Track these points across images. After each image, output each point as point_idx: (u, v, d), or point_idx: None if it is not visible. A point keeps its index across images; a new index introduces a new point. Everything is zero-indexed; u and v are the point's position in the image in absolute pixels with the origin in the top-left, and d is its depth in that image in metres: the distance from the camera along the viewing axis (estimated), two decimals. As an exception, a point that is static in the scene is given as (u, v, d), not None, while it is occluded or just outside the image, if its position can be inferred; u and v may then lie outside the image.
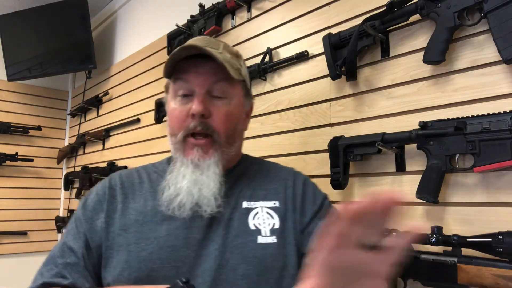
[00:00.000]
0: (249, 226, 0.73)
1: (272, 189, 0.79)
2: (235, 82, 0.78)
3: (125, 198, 0.77)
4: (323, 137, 1.26)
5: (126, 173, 0.84)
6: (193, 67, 0.75)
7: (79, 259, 0.72)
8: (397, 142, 1.02)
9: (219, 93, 0.76)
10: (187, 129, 0.74)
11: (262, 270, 0.69)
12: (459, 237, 0.85)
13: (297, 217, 0.76)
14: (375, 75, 1.15)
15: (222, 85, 0.75)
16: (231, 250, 0.70)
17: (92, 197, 0.79)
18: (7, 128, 2.83)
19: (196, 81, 0.74)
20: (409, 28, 1.08)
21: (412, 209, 1.03)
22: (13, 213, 2.83)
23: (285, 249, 0.72)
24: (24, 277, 3.17)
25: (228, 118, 0.76)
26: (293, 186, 0.80)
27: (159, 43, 2.14)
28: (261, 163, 0.90)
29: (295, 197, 0.79)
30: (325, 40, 1.21)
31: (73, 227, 0.77)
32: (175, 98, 0.77)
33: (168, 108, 0.79)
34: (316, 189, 0.84)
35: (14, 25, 2.75)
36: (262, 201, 0.77)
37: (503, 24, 0.85)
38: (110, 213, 0.75)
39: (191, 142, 0.74)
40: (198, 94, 0.74)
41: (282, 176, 0.83)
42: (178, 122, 0.75)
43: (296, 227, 0.75)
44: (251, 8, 1.60)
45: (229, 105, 0.76)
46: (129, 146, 2.31)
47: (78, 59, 2.67)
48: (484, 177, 0.91)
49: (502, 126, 0.83)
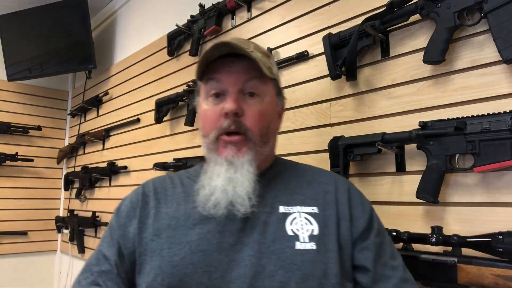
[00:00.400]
0: (287, 231, 0.70)
1: (310, 194, 0.76)
2: (267, 80, 0.76)
3: (157, 203, 0.77)
4: (323, 137, 1.26)
5: (159, 179, 0.84)
6: (225, 66, 0.74)
7: (112, 267, 0.72)
8: (397, 142, 1.02)
9: (252, 91, 0.74)
10: (220, 129, 0.73)
11: (300, 278, 0.66)
12: (459, 237, 0.85)
13: (344, 223, 0.73)
14: (375, 75, 1.15)
15: (255, 83, 0.74)
16: (268, 256, 0.67)
17: (126, 204, 0.80)
18: (7, 128, 2.83)
19: (229, 80, 0.73)
20: (409, 28, 1.08)
21: (412, 209, 1.03)
22: (13, 213, 2.83)
23: (325, 257, 0.68)
24: (24, 277, 3.18)
25: (262, 116, 0.74)
26: (335, 191, 0.77)
27: (159, 43, 2.14)
28: (297, 165, 0.87)
29: (339, 202, 0.75)
30: (325, 40, 1.21)
31: (107, 234, 0.78)
32: (207, 99, 0.76)
33: (200, 110, 0.78)
34: (362, 196, 0.81)
35: (14, 25, 2.75)
36: (299, 206, 0.74)
37: (503, 24, 0.85)
38: (143, 219, 0.75)
39: (224, 140, 0.73)
40: (231, 93, 0.73)
41: (321, 180, 0.80)
42: (211, 123, 0.74)
43: (341, 233, 0.72)
44: (251, 8, 1.60)
45: (262, 103, 0.75)
46: (129, 146, 2.31)
47: (78, 59, 2.67)
48: (484, 177, 0.91)
49: (502, 126, 0.83)
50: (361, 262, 0.71)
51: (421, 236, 0.92)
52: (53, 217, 2.94)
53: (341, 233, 0.72)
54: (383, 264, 0.71)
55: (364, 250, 0.72)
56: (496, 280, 0.78)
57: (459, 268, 0.83)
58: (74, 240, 2.69)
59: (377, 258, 0.71)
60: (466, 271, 0.82)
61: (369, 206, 0.79)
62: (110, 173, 2.39)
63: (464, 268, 0.83)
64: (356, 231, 0.73)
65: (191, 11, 1.86)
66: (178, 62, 2.00)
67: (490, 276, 0.79)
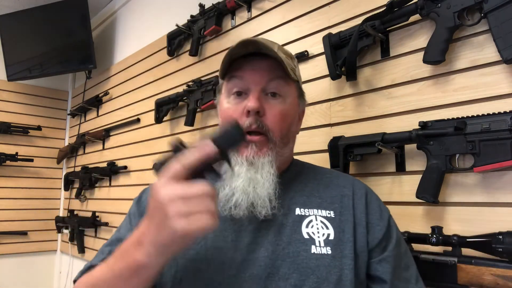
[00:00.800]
0: (302, 234, 0.69)
1: (327, 197, 0.75)
2: (290, 82, 0.76)
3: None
4: (323, 137, 1.26)
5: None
6: (249, 64, 0.73)
7: None
8: (397, 142, 1.02)
9: (275, 91, 0.73)
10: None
11: (315, 282, 0.64)
12: (459, 237, 0.85)
13: (360, 230, 0.71)
14: (375, 75, 1.15)
15: (278, 83, 0.73)
16: (283, 258, 0.66)
17: (146, 196, 0.79)
18: (7, 128, 2.83)
19: (252, 78, 0.72)
20: (409, 28, 1.08)
21: (412, 209, 1.03)
22: (13, 213, 2.83)
23: (340, 262, 0.67)
24: (24, 277, 3.18)
25: (283, 117, 0.73)
26: (353, 196, 0.75)
27: (159, 43, 2.14)
28: (314, 167, 0.85)
29: (356, 207, 0.74)
30: (325, 40, 1.21)
31: (126, 222, 0.79)
32: (228, 97, 0.75)
33: (221, 108, 0.77)
34: (380, 201, 0.79)
35: (14, 25, 2.75)
36: (316, 209, 0.72)
37: (503, 24, 0.85)
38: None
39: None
40: (253, 91, 0.72)
41: (338, 183, 0.78)
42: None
43: (358, 240, 0.70)
44: (251, 8, 1.60)
45: (284, 104, 0.74)
46: (129, 146, 2.31)
47: (78, 59, 2.68)
48: (484, 177, 0.91)
49: (502, 126, 0.83)
50: (379, 274, 0.69)
51: (421, 236, 0.92)
52: (53, 217, 2.94)
53: (358, 240, 0.70)
54: (399, 277, 0.70)
55: (383, 262, 0.70)
56: (496, 280, 0.78)
57: (459, 268, 0.83)
58: (74, 240, 2.69)
59: (394, 271, 0.70)
60: (466, 271, 0.82)
61: (387, 212, 0.77)
62: (110, 173, 2.39)
63: (464, 268, 0.83)
64: (373, 240, 0.71)
65: (191, 11, 1.86)
66: (178, 62, 2.00)
67: (490, 276, 0.79)
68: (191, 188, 0.50)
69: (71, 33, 2.65)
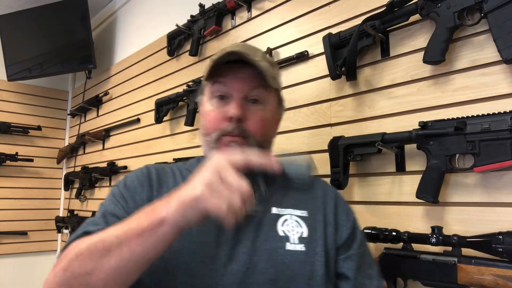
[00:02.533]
0: (278, 232, 0.73)
1: (301, 198, 0.80)
2: (271, 90, 0.80)
3: (159, 188, 0.78)
4: (323, 137, 1.26)
5: (159, 166, 0.85)
6: (233, 72, 0.77)
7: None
8: (397, 142, 1.02)
9: (256, 97, 0.78)
10: (223, 131, 0.76)
11: (290, 276, 0.69)
12: (459, 237, 0.85)
13: (329, 229, 0.77)
14: (375, 75, 1.15)
15: (259, 91, 0.78)
16: (260, 254, 0.70)
17: (133, 180, 0.79)
18: (7, 128, 2.83)
19: (235, 86, 0.77)
20: (409, 28, 1.08)
21: (412, 209, 1.03)
22: (13, 213, 2.83)
23: (313, 258, 0.72)
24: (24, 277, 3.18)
25: (263, 123, 0.78)
26: (323, 197, 0.81)
27: (159, 43, 2.14)
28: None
29: (326, 208, 0.79)
30: (325, 40, 1.21)
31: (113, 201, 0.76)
32: (211, 99, 0.79)
33: (204, 109, 0.81)
34: (347, 204, 0.85)
35: (14, 25, 2.75)
36: (291, 209, 0.77)
37: (503, 24, 0.85)
38: (150, 198, 0.76)
39: (226, 140, 0.76)
40: (236, 98, 0.76)
41: (310, 185, 0.84)
42: (214, 123, 0.77)
43: (328, 239, 0.76)
44: (251, 8, 1.60)
45: (265, 111, 0.79)
46: (129, 146, 2.31)
47: (78, 59, 2.68)
48: (484, 177, 0.91)
49: (502, 126, 0.83)
50: (344, 270, 0.75)
51: (421, 236, 0.92)
52: (53, 217, 2.94)
53: (327, 238, 0.76)
54: (362, 274, 0.76)
55: (348, 260, 0.76)
56: (496, 280, 0.78)
57: (459, 268, 0.83)
58: (74, 240, 2.69)
59: (358, 268, 0.76)
60: (466, 271, 0.82)
61: (353, 215, 0.83)
62: (110, 173, 2.39)
63: (464, 268, 0.83)
64: (340, 238, 0.77)
65: (191, 11, 1.86)
66: (178, 62, 2.00)
67: (490, 276, 0.79)
68: (236, 178, 0.54)
69: (71, 33, 2.65)
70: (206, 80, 0.80)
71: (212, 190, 0.53)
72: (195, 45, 1.82)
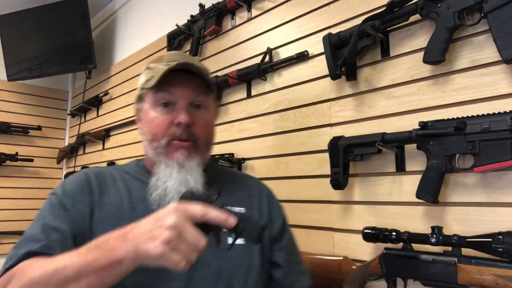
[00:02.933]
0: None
1: (239, 195, 0.89)
2: (210, 94, 0.87)
3: (101, 193, 0.81)
4: (323, 137, 1.26)
5: (97, 170, 0.88)
6: (177, 80, 0.81)
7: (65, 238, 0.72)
8: (397, 142, 1.02)
9: (200, 103, 0.84)
10: (172, 136, 0.81)
11: (232, 267, 0.79)
12: (459, 237, 0.85)
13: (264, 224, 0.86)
14: (375, 75, 1.15)
15: (202, 97, 0.84)
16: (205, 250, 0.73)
17: (71, 187, 0.81)
18: (7, 128, 2.83)
19: (180, 93, 0.81)
20: (409, 28, 1.08)
21: (412, 209, 1.03)
22: (13, 213, 2.82)
23: (251, 250, 0.82)
24: (24, 277, 3.11)
25: (208, 126, 0.86)
26: (258, 195, 0.91)
27: (159, 43, 2.14)
28: (226, 169, 1.00)
29: (261, 205, 0.90)
30: (325, 40, 1.21)
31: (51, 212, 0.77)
32: (155, 107, 0.83)
33: (147, 116, 0.85)
34: (278, 202, 0.96)
35: (14, 25, 2.75)
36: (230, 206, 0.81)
37: (503, 24, 0.85)
38: (91, 204, 0.79)
39: (176, 144, 0.81)
40: (182, 105, 0.81)
41: (247, 184, 0.94)
42: (161, 130, 0.81)
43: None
44: (251, 8, 1.60)
45: (208, 114, 0.86)
46: (129, 146, 2.31)
47: (78, 59, 2.68)
48: (484, 177, 0.91)
49: (502, 126, 0.83)
50: (276, 259, 0.88)
51: (421, 236, 0.92)
52: (53, 217, 2.94)
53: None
54: (291, 261, 0.90)
55: (280, 250, 0.89)
56: (496, 280, 0.78)
57: (459, 268, 0.83)
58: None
59: (288, 257, 0.89)
60: (466, 271, 0.82)
61: (283, 211, 0.95)
62: (110, 173, 2.38)
63: (464, 268, 0.83)
64: (274, 232, 0.89)
65: (191, 11, 1.86)
66: (178, 62, 2.00)
67: (490, 276, 0.79)
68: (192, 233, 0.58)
69: (71, 33, 2.65)
70: (148, 89, 0.83)
71: (172, 248, 0.56)
72: (195, 45, 1.82)
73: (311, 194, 1.29)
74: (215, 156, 1.60)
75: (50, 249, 0.70)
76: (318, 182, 1.27)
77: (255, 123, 1.52)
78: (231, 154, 1.56)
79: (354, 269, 1.05)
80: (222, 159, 1.55)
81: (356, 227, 1.14)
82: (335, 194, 1.20)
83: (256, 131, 1.51)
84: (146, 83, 0.84)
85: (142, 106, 0.88)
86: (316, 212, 1.26)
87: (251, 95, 1.56)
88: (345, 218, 1.18)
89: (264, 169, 1.46)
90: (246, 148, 1.55)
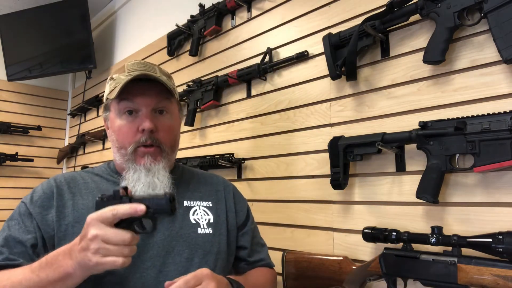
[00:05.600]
0: (190, 220, 0.90)
1: (205, 192, 0.98)
2: (173, 99, 0.91)
3: (73, 196, 0.86)
4: (323, 137, 1.26)
5: (68, 175, 0.92)
6: (138, 88, 0.85)
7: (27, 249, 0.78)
8: (397, 142, 1.02)
9: (163, 109, 0.88)
10: (138, 143, 0.85)
11: (202, 254, 0.87)
12: (459, 237, 0.85)
13: (231, 214, 0.98)
14: (375, 75, 1.15)
15: (165, 103, 0.88)
16: (177, 239, 0.85)
17: (40, 195, 0.86)
18: (7, 128, 2.83)
19: (143, 101, 0.86)
20: (409, 28, 1.08)
21: (412, 209, 1.03)
22: (13, 213, 2.82)
23: (219, 238, 0.92)
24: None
25: (171, 130, 0.90)
26: (224, 190, 1.01)
27: (159, 43, 2.14)
28: (191, 169, 1.05)
29: (227, 199, 1.00)
30: (325, 40, 1.21)
31: (18, 222, 0.83)
32: (120, 115, 0.87)
33: (114, 125, 0.89)
34: (242, 195, 1.07)
35: (14, 25, 2.75)
36: (199, 201, 0.94)
37: (503, 24, 0.85)
38: (60, 208, 0.84)
39: (141, 151, 0.86)
40: (145, 113, 0.85)
41: (212, 181, 1.02)
42: (128, 137, 0.86)
43: (230, 222, 0.97)
44: (251, 8, 1.60)
45: (171, 119, 0.90)
46: (129, 146, 2.31)
47: (78, 59, 2.68)
48: (484, 177, 0.91)
49: (502, 126, 0.83)
50: (242, 243, 0.99)
51: (421, 236, 0.92)
52: (53, 217, 2.94)
53: (229, 222, 0.97)
54: (255, 243, 1.02)
55: (244, 235, 1.00)
56: (496, 280, 0.78)
57: (459, 268, 0.83)
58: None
59: (252, 239, 1.01)
60: (466, 271, 0.82)
61: (246, 202, 1.07)
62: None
63: (464, 268, 0.83)
64: (240, 220, 1.00)
65: (191, 11, 1.86)
66: (178, 62, 2.00)
67: (490, 276, 0.79)
68: (113, 234, 0.64)
69: (71, 33, 2.65)
70: (112, 99, 0.87)
71: (103, 254, 0.64)
72: (195, 45, 1.82)
73: (311, 194, 1.29)
74: (215, 156, 1.61)
75: (12, 261, 0.76)
76: (318, 182, 1.27)
77: (255, 123, 1.52)
78: (231, 154, 1.56)
79: (354, 269, 1.05)
80: (222, 159, 1.55)
81: (356, 227, 1.14)
82: (335, 194, 1.21)
83: (256, 131, 1.51)
84: (110, 93, 0.88)
85: (109, 116, 0.92)
86: (316, 212, 1.26)
87: (251, 95, 1.56)
88: (345, 218, 1.18)
89: (264, 169, 1.46)
90: (246, 148, 1.55)
